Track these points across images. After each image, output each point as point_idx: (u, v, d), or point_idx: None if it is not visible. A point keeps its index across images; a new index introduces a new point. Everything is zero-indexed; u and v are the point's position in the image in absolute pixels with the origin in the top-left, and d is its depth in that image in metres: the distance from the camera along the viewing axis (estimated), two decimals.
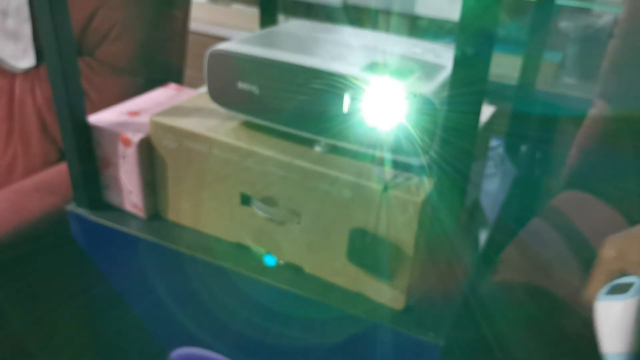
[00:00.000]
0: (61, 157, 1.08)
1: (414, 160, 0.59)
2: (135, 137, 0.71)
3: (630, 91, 0.92)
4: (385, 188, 0.58)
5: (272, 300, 0.67)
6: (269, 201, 0.66)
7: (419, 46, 0.69)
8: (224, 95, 0.67)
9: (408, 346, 0.60)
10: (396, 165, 0.61)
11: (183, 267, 0.71)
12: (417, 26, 1.56)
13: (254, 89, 0.64)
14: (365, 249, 0.62)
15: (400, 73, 0.60)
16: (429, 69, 0.62)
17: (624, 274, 0.57)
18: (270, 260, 0.69)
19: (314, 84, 0.60)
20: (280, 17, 0.93)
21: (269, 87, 0.64)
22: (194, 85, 0.91)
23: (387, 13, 1.60)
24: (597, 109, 0.94)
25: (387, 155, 0.61)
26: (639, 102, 0.91)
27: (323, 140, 0.64)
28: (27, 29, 1.09)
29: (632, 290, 0.53)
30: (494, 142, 0.99)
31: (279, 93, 0.63)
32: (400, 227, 0.58)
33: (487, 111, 0.75)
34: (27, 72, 1.12)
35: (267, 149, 0.64)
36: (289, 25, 0.76)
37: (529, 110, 1.00)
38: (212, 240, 0.72)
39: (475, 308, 0.69)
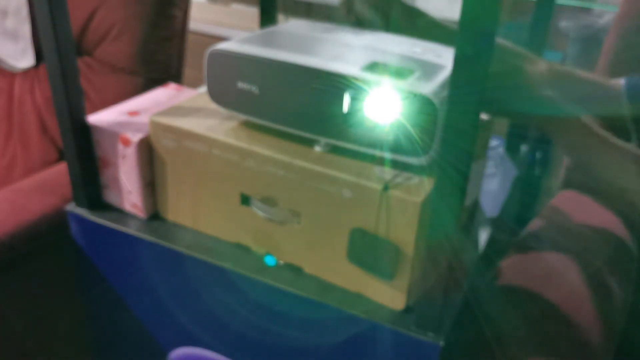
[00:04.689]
0: (60, 157, 1.08)
1: (414, 160, 0.59)
2: (135, 137, 0.71)
3: None
4: (385, 188, 0.58)
5: (272, 300, 0.67)
6: (268, 201, 0.66)
7: (419, 46, 0.69)
8: (224, 95, 0.67)
9: (408, 346, 0.60)
10: (396, 165, 0.61)
11: (183, 267, 0.71)
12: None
13: (254, 88, 0.64)
14: (365, 249, 0.62)
15: (400, 73, 0.60)
16: (429, 69, 0.62)
17: None
18: (270, 261, 0.69)
19: (314, 84, 0.60)
20: (280, 17, 0.93)
21: (269, 87, 0.64)
22: (194, 85, 0.91)
23: None
24: None
25: (387, 155, 0.61)
26: None
27: (323, 140, 0.64)
28: (26, 29, 1.09)
29: None
30: (494, 142, 0.99)
31: (279, 93, 0.63)
32: (400, 227, 0.58)
33: None
34: (26, 72, 1.12)
35: (266, 149, 0.64)
36: (289, 25, 0.76)
37: None
38: (212, 240, 0.72)
39: (475, 308, 0.69)
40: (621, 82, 0.80)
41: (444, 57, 0.66)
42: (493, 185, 0.89)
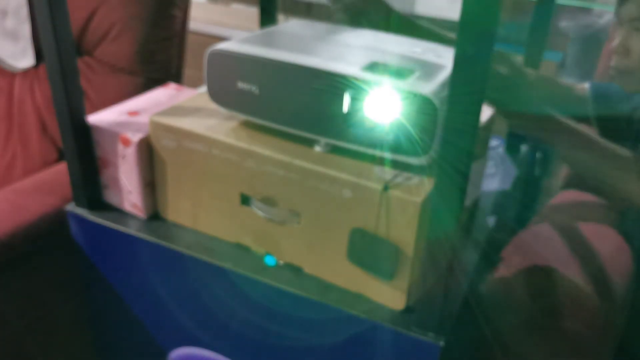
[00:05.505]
0: (60, 157, 1.08)
1: (414, 160, 0.59)
2: (135, 137, 0.71)
3: None
4: (385, 188, 0.58)
5: (272, 301, 0.67)
6: (268, 201, 0.66)
7: (419, 46, 0.69)
8: (224, 95, 0.67)
9: (408, 346, 0.60)
10: (396, 165, 0.61)
11: (183, 267, 0.71)
12: None
13: (254, 88, 0.64)
14: (365, 249, 0.62)
15: (400, 73, 0.60)
16: (429, 69, 0.62)
17: None
18: (270, 261, 0.69)
19: (314, 83, 0.60)
20: (280, 17, 0.93)
21: (269, 87, 0.64)
22: (194, 85, 0.91)
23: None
24: None
25: (387, 155, 0.61)
26: None
27: (323, 140, 0.64)
28: (26, 29, 1.09)
29: None
30: (494, 142, 0.99)
31: (279, 93, 0.63)
32: (400, 227, 0.58)
33: (487, 111, 0.75)
34: (26, 72, 1.12)
35: (266, 149, 0.64)
36: (289, 25, 0.76)
37: None
38: (212, 240, 0.72)
39: (475, 308, 0.69)
40: (586, 86, 0.89)
41: (444, 57, 0.66)
42: (493, 185, 0.89)
